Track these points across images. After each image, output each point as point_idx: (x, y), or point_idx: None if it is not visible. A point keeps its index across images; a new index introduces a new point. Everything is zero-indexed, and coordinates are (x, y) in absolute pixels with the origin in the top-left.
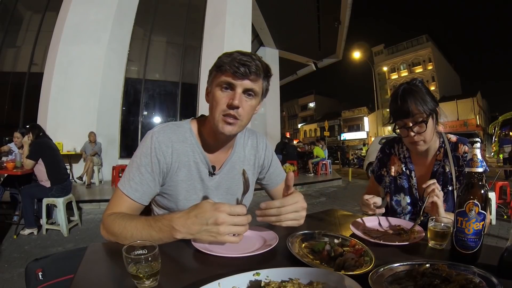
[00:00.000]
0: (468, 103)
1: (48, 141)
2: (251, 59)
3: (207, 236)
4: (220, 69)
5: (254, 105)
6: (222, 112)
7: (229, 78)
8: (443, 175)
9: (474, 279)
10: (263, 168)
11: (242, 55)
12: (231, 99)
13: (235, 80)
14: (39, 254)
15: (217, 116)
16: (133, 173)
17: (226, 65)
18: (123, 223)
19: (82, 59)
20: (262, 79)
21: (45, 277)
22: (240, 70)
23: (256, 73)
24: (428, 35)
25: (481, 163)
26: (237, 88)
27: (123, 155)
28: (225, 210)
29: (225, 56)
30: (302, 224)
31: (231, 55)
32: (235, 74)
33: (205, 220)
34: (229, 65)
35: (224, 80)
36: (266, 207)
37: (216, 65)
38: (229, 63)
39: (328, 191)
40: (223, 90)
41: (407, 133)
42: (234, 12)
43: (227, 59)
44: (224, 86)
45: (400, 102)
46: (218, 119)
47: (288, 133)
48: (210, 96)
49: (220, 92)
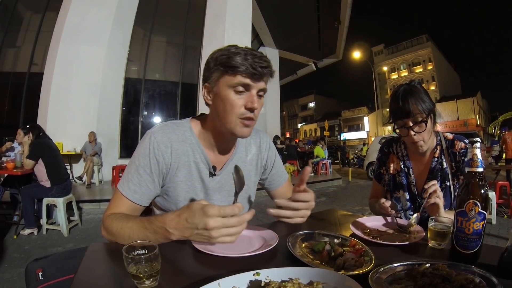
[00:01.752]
0: (468, 103)
1: (48, 141)
2: (265, 58)
3: (201, 239)
4: (234, 69)
5: (263, 104)
6: (240, 115)
7: (246, 79)
8: (440, 172)
9: (474, 279)
10: (266, 169)
11: (254, 55)
12: (250, 102)
13: (253, 82)
14: (39, 254)
15: (234, 119)
16: (131, 174)
17: (241, 66)
18: (120, 224)
19: (82, 59)
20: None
21: (45, 277)
22: (259, 71)
23: (270, 73)
24: (428, 35)
25: (481, 162)
26: (253, 89)
27: (123, 155)
28: (214, 214)
29: (235, 54)
30: (303, 224)
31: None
32: (253, 76)
33: (195, 225)
34: (247, 67)
35: (241, 81)
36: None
37: (225, 64)
38: (245, 63)
39: (328, 191)
40: (239, 93)
41: (407, 132)
42: (234, 12)
43: (239, 58)
44: (240, 89)
45: (401, 102)
46: (236, 122)
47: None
48: (219, 98)
49: (235, 94)
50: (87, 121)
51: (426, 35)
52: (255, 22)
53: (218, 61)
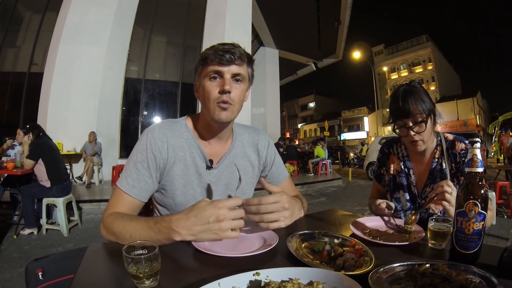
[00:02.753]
0: (468, 103)
1: (48, 141)
2: (233, 46)
3: (210, 235)
4: (206, 61)
5: (244, 90)
6: (215, 100)
7: (216, 66)
8: (440, 172)
9: (474, 279)
10: (265, 166)
11: (223, 44)
12: (222, 85)
13: (222, 67)
14: (39, 254)
15: (212, 105)
16: (130, 170)
17: (210, 55)
18: (122, 223)
19: (82, 59)
20: (246, 64)
21: (45, 277)
22: (226, 56)
23: (240, 57)
24: (428, 35)
25: (481, 163)
26: (225, 74)
27: (123, 155)
28: (224, 205)
29: (208, 49)
30: (303, 224)
31: (213, 47)
32: (221, 61)
33: (206, 219)
34: (214, 55)
35: (212, 69)
36: (246, 203)
37: (200, 59)
38: (213, 53)
39: (328, 191)
40: (212, 79)
41: (406, 132)
42: (234, 12)
43: (210, 51)
44: (212, 75)
45: (401, 102)
46: (214, 107)
47: (288, 133)
48: (200, 90)
49: (210, 82)
50: (87, 121)
51: (426, 35)
52: (255, 22)
53: (199, 59)
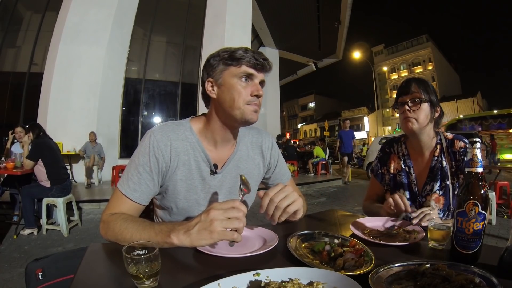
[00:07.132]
0: (468, 103)
1: (48, 141)
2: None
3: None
4: (239, 61)
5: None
6: (248, 102)
7: (250, 69)
8: (440, 170)
9: (474, 279)
10: (269, 168)
11: (253, 51)
12: (256, 89)
13: (256, 72)
14: (39, 254)
15: (242, 105)
16: (131, 173)
17: (246, 57)
18: (124, 224)
19: (82, 59)
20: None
21: (45, 277)
22: (260, 62)
23: (270, 68)
24: (428, 35)
25: (481, 163)
26: (256, 79)
27: (123, 155)
28: (216, 206)
29: (239, 50)
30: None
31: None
32: (256, 66)
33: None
34: (250, 58)
35: (245, 70)
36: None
37: (228, 58)
38: (249, 56)
39: (328, 191)
40: (243, 81)
41: (403, 109)
42: (234, 12)
43: (244, 53)
44: (243, 76)
45: (405, 83)
46: (245, 108)
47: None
48: (225, 88)
49: (241, 83)
50: (87, 121)
51: (426, 35)
52: (255, 22)
53: (221, 57)
